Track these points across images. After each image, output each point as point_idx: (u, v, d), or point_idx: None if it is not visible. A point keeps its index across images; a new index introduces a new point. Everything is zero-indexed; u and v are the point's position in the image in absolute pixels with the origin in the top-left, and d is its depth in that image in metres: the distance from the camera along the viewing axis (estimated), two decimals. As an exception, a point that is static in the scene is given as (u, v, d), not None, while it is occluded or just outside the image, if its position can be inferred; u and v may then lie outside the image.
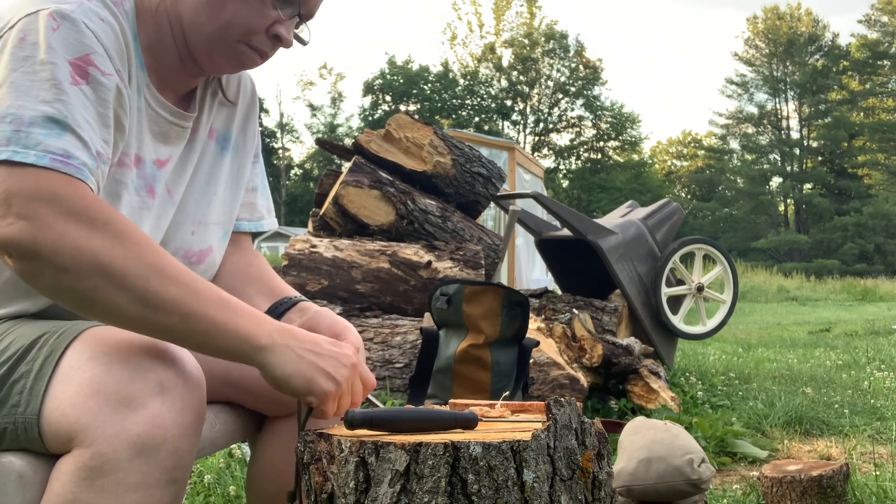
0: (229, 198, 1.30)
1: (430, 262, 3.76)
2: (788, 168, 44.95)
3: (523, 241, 9.11)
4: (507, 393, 2.30)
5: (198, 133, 1.23)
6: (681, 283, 4.85)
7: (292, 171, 45.18)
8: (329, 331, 1.18)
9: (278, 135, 43.21)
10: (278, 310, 1.24)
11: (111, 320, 0.95)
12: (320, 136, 42.88)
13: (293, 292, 1.30)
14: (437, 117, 40.55)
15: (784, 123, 45.59)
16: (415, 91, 42.65)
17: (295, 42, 1.20)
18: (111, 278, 0.90)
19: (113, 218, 0.93)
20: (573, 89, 43.12)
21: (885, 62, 43.20)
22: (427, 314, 3.11)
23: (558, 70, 43.33)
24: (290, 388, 1.00)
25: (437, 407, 1.16)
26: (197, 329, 0.95)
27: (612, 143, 43.72)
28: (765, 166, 45.31)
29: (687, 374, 4.75)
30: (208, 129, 1.26)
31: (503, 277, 7.51)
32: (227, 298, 0.99)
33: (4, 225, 0.89)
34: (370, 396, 1.18)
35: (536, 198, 4.70)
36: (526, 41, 42.68)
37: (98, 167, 0.97)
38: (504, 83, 43.52)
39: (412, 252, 3.81)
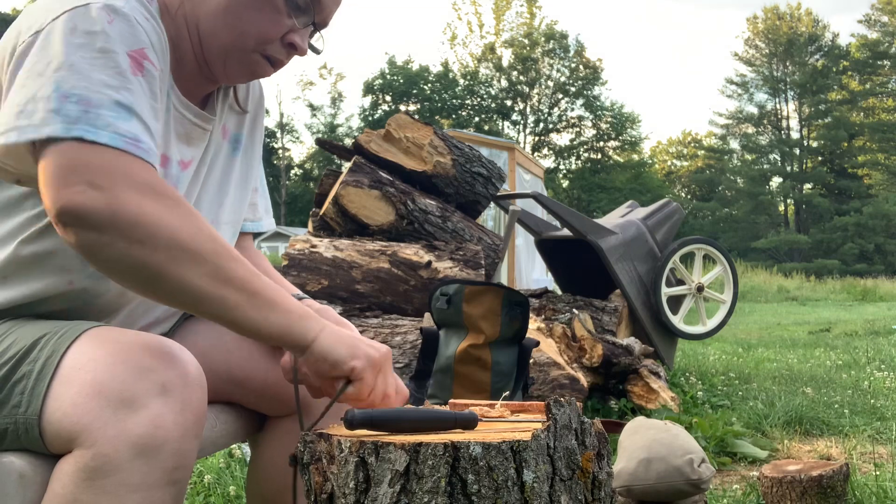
0: (239, 198, 1.32)
1: (430, 262, 3.76)
2: (788, 168, 44.94)
3: (523, 241, 9.10)
4: (507, 393, 2.30)
5: (214, 137, 1.25)
6: (681, 283, 4.85)
7: (292, 171, 45.18)
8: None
9: (278, 135, 43.21)
10: None
11: (175, 296, 0.95)
12: (320, 136, 42.88)
13: (296, 291, 1.31)
14: (437, 117, 40.55)
15: (784, 123, 45.59)
16: (415, 91, 42.64)
17: (309, 51, 1.21)
18: (185, 252, 0.92)
19: (181, 200, 0.95)
20: (573, 89, 43.11)
21: (885, 62, 43.19)
22: (427, 314, 3.11)
23: (558, 70, 43.32)
24: (334, 356, 1.02)
25: (437, 407, 1.16)
26: (261, 305, 0.97)
27: (612, 143, 43.71)
28: (765, 166, 45.31)
29: (687, 374, 4.75)
30: (221, 130, 1.27)
31: (503, 277, 7.51)
32: (282, 284, 1.05)
33: (75, 192, 0.88)
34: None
35: (536, 198, 4.70)
36: (526, 41, 42.68)
37: (158, 155, 0.99)
38: (504, 83, 43.52)
39: (412, 252, 3.81)
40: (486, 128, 41.67)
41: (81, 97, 0.92)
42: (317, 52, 1.22)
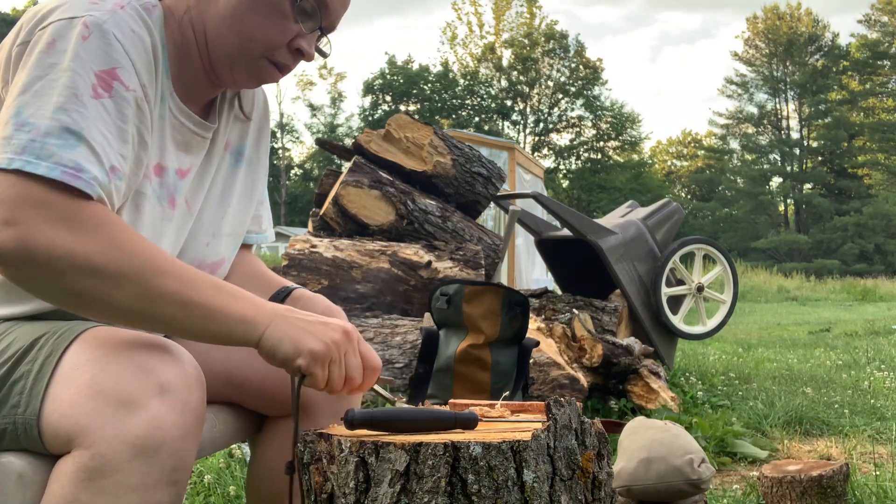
0: (241, 210, 1.31)
1: (430, 262, 3.76)
2: (788, 168, 44.95)
3: (523, 241, 9.10)
4: (507, 393, 2.30)
5: (216, 145, 1.24)
6: (681, 283, 4.85)
7: (292, 171, 45.18)
8: (322, 314, 1.20)
9: (278, 135, 43.21)
10: (275, 299, 1.26)
11: (111, 318, 0.97)
12: (320, 136, 42.88)
13: (289, 283, 1.31)
14: (437, 117, 40.55)
15: (784, 123, 45.60)
16: (415, 91, 42.64)
17: (316, 55, 1.21)
18: (106, 278, 0.92)
19: (104, 221, 0.94)
20: (573, 89, 43.11)
21: (885, 62, 43.19)
22: (427, 314, 3.11)
23: (558, 70, 43.32)
24: (281, 354, 1.00)
25: (437, 407, 1.16)
26: (197, 316, 0.96)
27: (612, 143, 43.71)
28: (765, 166, 45.30)
29: (687, 374, 4.75)
30: (224, 142, 1.26)
31: (503, 277, 7.50)
32: (221, 284, 1.00)
33: None
34: (378, 387, 1.15)
35: (536, 198, 4.70)
36: (526, 41, 42.68)
37: (111, 181, 0.97)
38: (504, 83, 43.52)
39: (412, 252, 3.81)
40: (486, 128, 41.67)
41: (33, 126, 0.93)
42: (324, 55, 1.22)
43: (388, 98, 42.82)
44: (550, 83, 43.22)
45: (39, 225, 0.90)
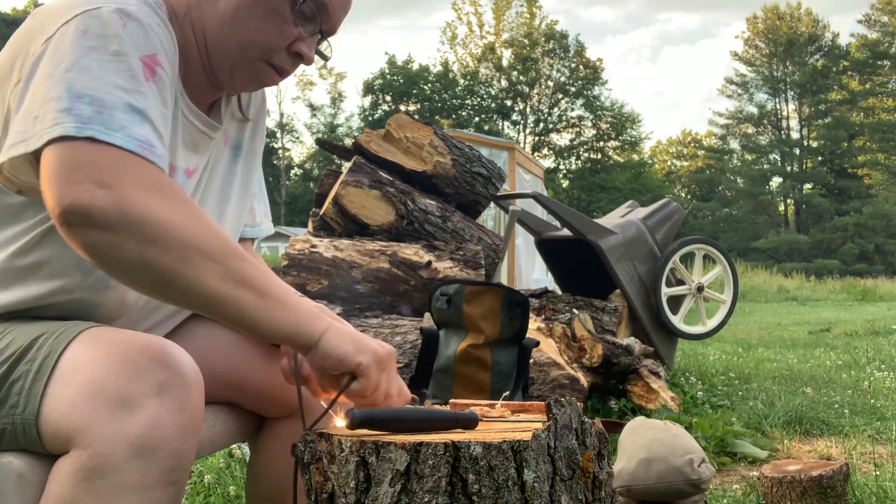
0: (240, 205, 1.31)
1: (430, 262, 3.76)
2: (788, 168, 44.95)
3: (523, 241, 9.10)
4: (507, 393, 2.30)
5: (215, 143, 1.24)
6: (681, 283, 4.85)
7: (292, 171, 45.17)
8: None
9: (278, 135, 43.20)
10: None
11: (187, 297, 0.93)
12: (320, 136, 42.87)
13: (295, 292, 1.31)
14: (437, 117, 40.55)
15: (784, 123, 45.59)
16: (415, 91, 42.64)
17: (317, 57, 1.21)
18: (199, 252, 0.90)
19: (191, 200, 0.94)
20: (573, 89, 43.11)
21: (885, 62, 43.19)
22: (427, 314, 3.10)
23: (558, 70, 43.33)
24: (342, 352, 1.00)
25: (437, 407, 1.16)
26: (271, 306, 0.96)
27: (612, 143, 43.71)
28: (765, 166, 45.31)
29: (687, 374, 4.75)
30: (223, 137, 1.26)
31: (503, 277, 7.50)
32: (287, 286, 1.02)
33: (82, 191, 0.85)
34: None
35: (536, 198, 4.70)
36: (526, 41, 42.67)
37: (167, 163, 0.98)
38: (504, 83, 43.51)
39: (412, 252, 3.81)
40: (486, 128, 41.66)
41: (94, 98, 0.90)
42: (325, 59, 1.22)
43: (388, 98, 42.81)
44: (550, 83, 43.22)
45: (136, 189, 0.87)
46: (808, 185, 44.82)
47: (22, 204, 1.05)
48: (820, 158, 44.47)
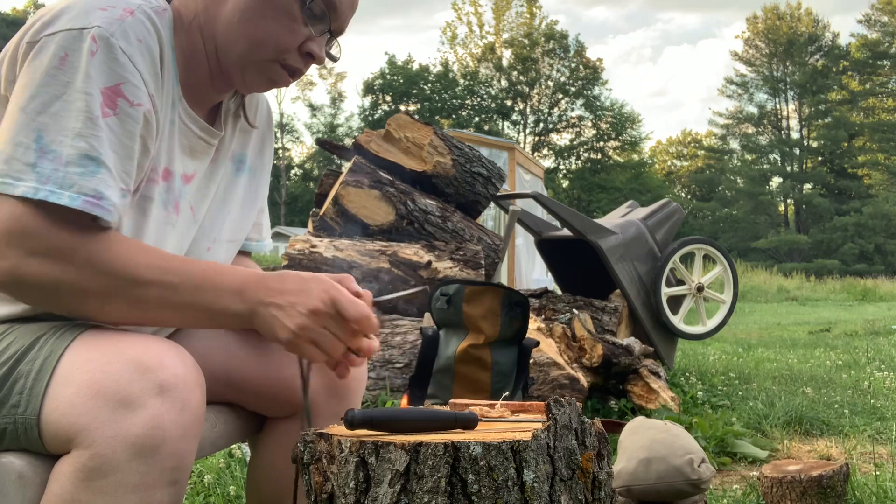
0: (242, 218, 1.32)
1: (430, 262, 3.76)
2: (788, 168, 44.95)
3: (523, 241, 9.10)
4: (507, 393, 2.30)
5: (221, 153, 1.24)
6: (681, 283, 4.85)
7: (292, 171, 45.17)
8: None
9: (278, 135, 43.21)
10: None
11: (113, 324, 1.04)
12: (320, 136, 42.86)
13: None
14: (437, 117, 40.55)
15: (784, 123, 45.61)
16: (415, 91, 42.64)
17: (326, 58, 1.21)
18: (95, 298, 0.99)
19: (81, 244, 0.97)
20: (573, 89, 43.12)
21: (885, 62, 43.21)
22: (427, 314, 3.11)
23: (558, 70, 43.34)
24: (271, 337, 1.06)
25: (437, 407, 1.16)
26: (188, 315, 1.03)
27: (612, 143, 43.72)
28: (765, 166, 45.32)
29: (687, 374, 4.75)
30: (226, 149, 1.26)
31: (503, 277, 7.50)
32: (198, 282, 1.03)
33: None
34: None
35: (536, 198, 4.70)
36: (526, 41, 42.68)
37: (123, 201, 1.01)
38: (504, 83, 43.52)
39: (412, 252, 3.81)
40: (486, 128, 41.67)
41: (56, 154, 0.95)
42: (334, 59, 1.22)
43: (388, 98, 42.81)
44: (550, 83, 43.23)
45: (29, 258, 0.95)
46: (808, 185, 44.83)
47: None
48: (820, 158, 44.48)
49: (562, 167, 44.01)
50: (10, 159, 0.95)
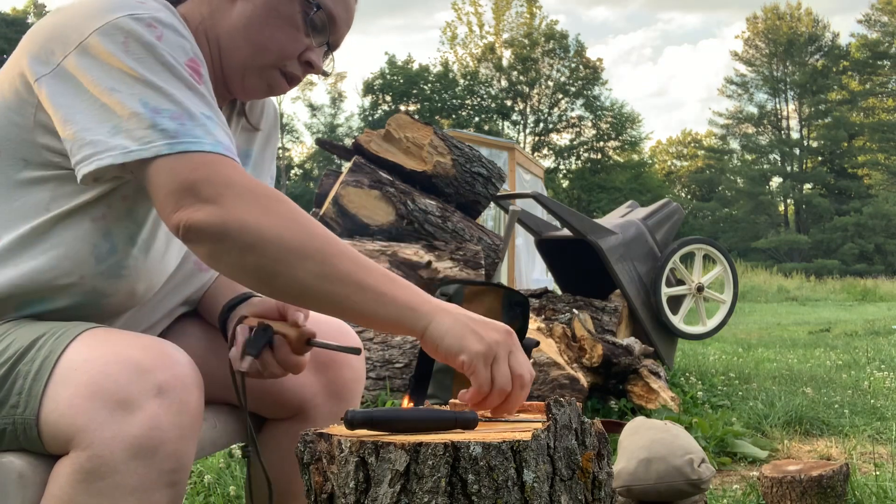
0: None
1: (430, 262, 3.76)
2: (788, 168, 44.94)
3: (523, 241, 9.11)
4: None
5: None
6: (681, 283, 4.85)
7: (292, 171, 45.17)
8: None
9: (278, 135, 43.14)
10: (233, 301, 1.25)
11: (290, 294, 1.00)
12: (320, 136, 42.87)
13: None
14: (437, 117, 40.54)
15: (784, 123, 45.58)
16: (415, 91, 42.63)
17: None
18: (292, 253, 0.96)
19: (282, 197, 0.99)
20: (573, 89, 43.10)
21: (885, 62, 43.18)
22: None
23: (558, 70, 43.31)
24: (444, 348, 1.00)
25: (437, 407, 1.16)
26: (369, 299, 0.99)
27: (612, 143, 43.70)
28: (765, 166, 45.29)
29: (687, 374, 4.75)
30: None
31: (503, 277, 7.50)
32: (391, 274, 1.03)
33: (190, 213, 0.95)
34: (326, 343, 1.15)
35: (536, 198, 4.70)
36: (526, 41, 42.68)
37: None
38: (504, 83, 43.50)
39: (412, 252, 3.81)
40: (486, 128, 41.64)
41: (172, 112, 0.96)
42: (326, 75, 1.25)
43: (388, 98, 42.80)
44: (550, 83, 43.21)
45: (233, 200, 0.95)
46: (808, 185, 44.82)
47: (43, 179, 1.05)
48: (820, 158, 44.46)
49: (562, 167, 44.00)
50: (119, 129, 0.96)
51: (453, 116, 42.11)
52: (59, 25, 1.02)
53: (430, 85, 43.12)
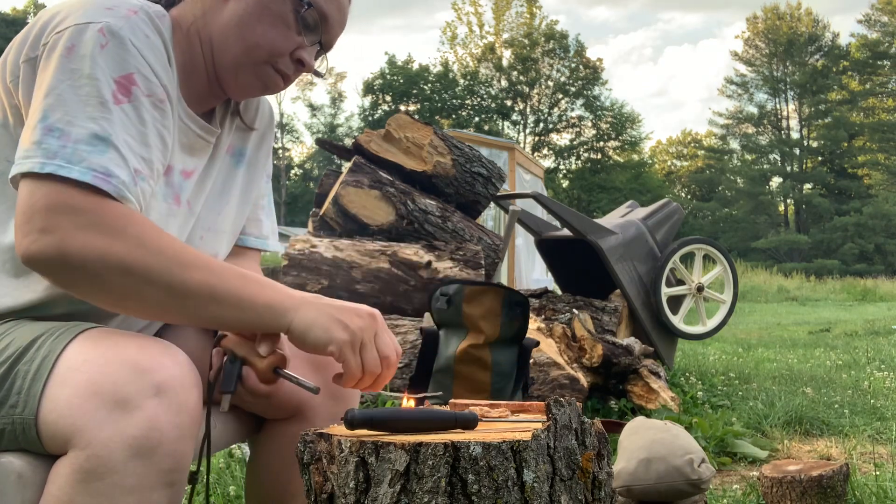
0: (240, 208, 1.34)
1: (430, 262, 3.76)
2: (788, 168, 44.94)
3: (523, 241, 9.10)
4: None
5: (219, 150, 1.27)
6: (681, 283, 4.85)
7: (292, 171, 45.18)
8: None
9: (278, 135, 43.21)
10: None
11: (148, 314, 1.03)
12: (320, 136, 42.89)
13: None
14: (437, 117, 40.54)
15: (784, 123, 45.58)
16: (415, 91, 42.63)
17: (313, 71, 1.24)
18: (138, 277, 0.96)
19: (131, 222, 0.97)
20: (573, 89, 43.10)
21: (885, 62, 43.18)
22: (427, 314, 3.10)
23: (558, 70, 43.32)
24: (311, 340, 1.03)
25: (437, 407, 1.16)
26: (226, 306, 1.00)
27: (612, 143, 43.70)
28: (765, 166, 45.30)
29: (687, 374, 4.75)
30: (226, 145, 1.29)
31: (503, 277, 7.51)
32: (247, 275, 1.03)
33: (31, 242, 0.94)
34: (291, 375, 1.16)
35: (536, 198, 4.70)
36: (526, 41, 42.67)
37: (136, 184, 1.01)
38: (504, 83, 43.50)
39: (412, 252, 3.81)
40: (486, 128, 41.65)
41: (63, 132, 0.96)
42: (319, 75, 1.26)
43: (388, 98, 42.80)
44: (550, 83, 43.21)
45: (73, 231, 0.94)
46: (808, 185, 44.81)
47: None
48: (820, 158, 44.46)
49: (562, 167, 44.00)
50: (22, 141, 0.98)
51: (453, 116, 42.11)
52: (47, 21, 1.06)
53: (430, 85, 43.12)
